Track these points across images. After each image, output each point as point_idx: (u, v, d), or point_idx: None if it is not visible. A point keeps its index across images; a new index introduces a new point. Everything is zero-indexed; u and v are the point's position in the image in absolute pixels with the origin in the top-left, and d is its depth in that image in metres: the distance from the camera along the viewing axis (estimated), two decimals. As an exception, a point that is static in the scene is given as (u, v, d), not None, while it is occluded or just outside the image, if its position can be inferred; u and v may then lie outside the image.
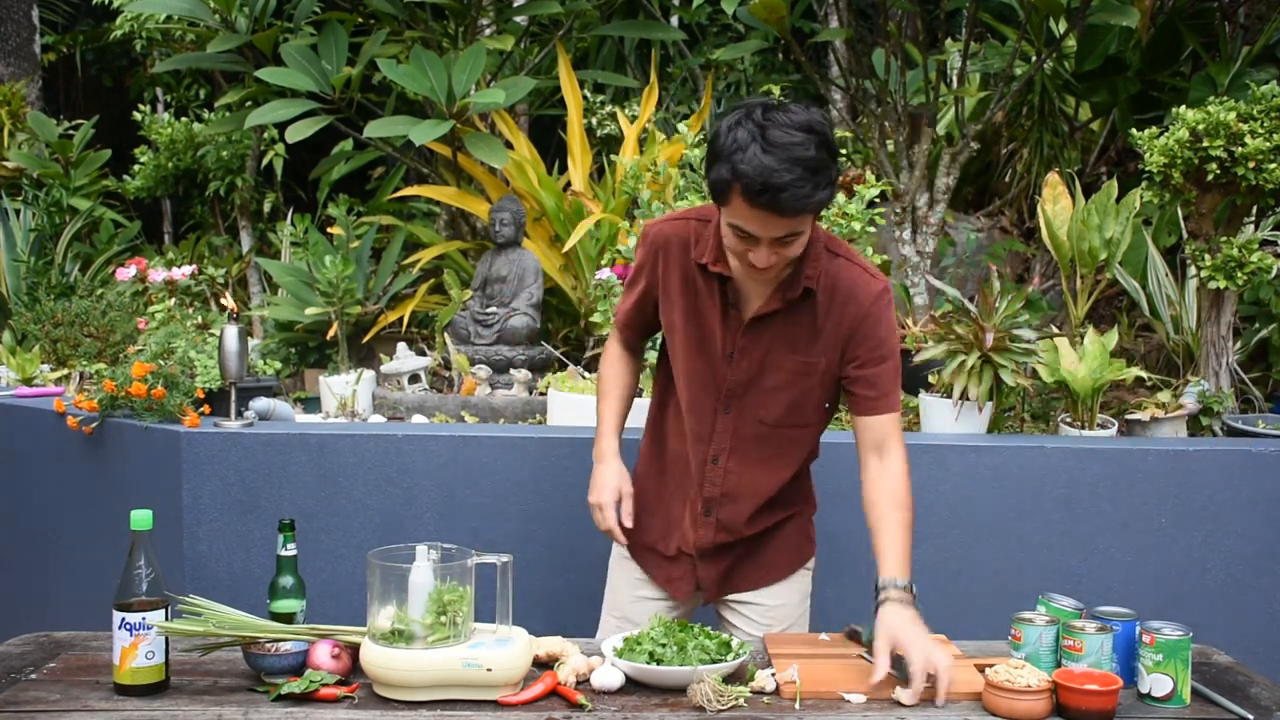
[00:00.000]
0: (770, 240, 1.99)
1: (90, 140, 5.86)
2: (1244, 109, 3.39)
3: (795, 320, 2.16)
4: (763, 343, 2.17)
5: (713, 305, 2.18)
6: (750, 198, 1.93)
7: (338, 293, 4.18)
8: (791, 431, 2.25)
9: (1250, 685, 2.06)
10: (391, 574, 1.93)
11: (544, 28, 5.62)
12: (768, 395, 2.20)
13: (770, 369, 2.18)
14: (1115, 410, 3.70)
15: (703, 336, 2.20)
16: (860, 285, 2.15)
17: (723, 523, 2.30)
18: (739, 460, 2.25)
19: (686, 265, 2.20)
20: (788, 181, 1.90)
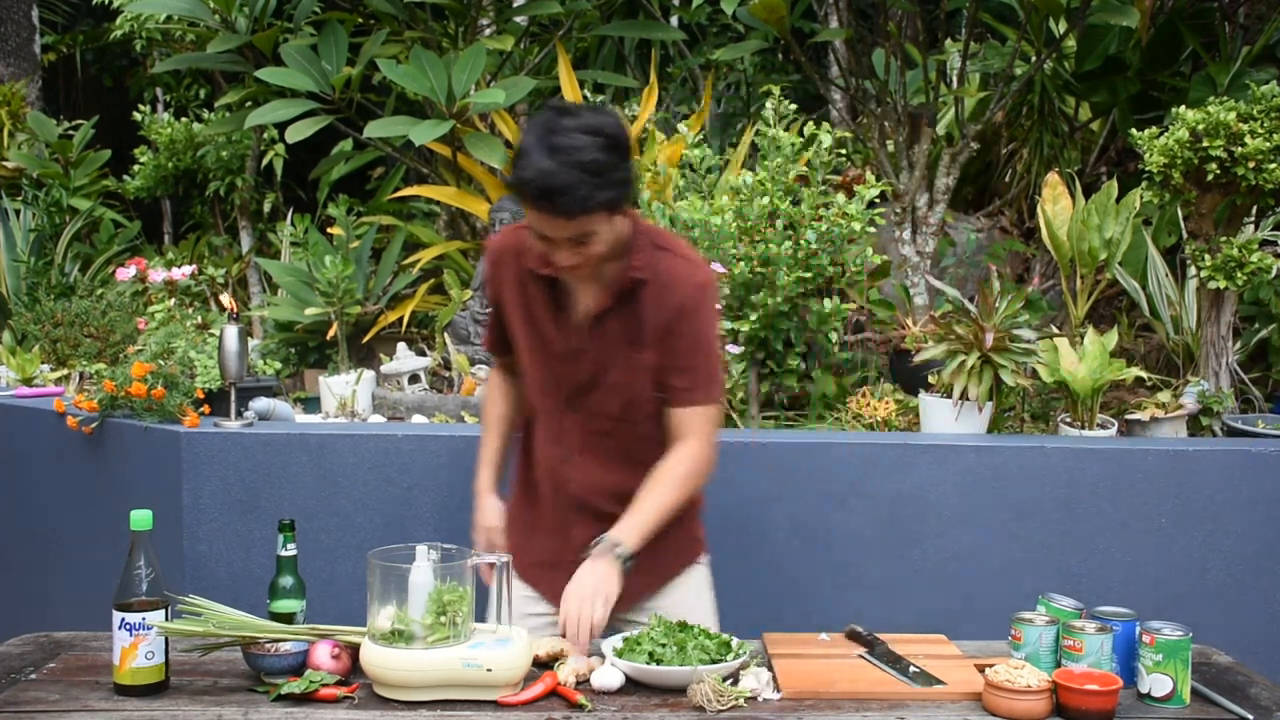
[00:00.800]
0: (565, 241, 2.05)
1: (90, 140, 5.86)
2: (1244, 109, 3.39)
3: (627, 315, 2.19)
4: (600, 340, 2.21)
5: (546, 308, 2.23)
6: (532, 202, 2.01)
7: (338, 293, 4.18)
8: (636, 427, 2.25)
9: (1250, 685, 2.06)
10: (391, 574, 1.93)
11: (544, 28, 5.62)
12: (609, 392, 2.23)
13: (610, 366, 2.21)
14: (1115, 410, 3.70)
15: (541, 340, 2.25)
16: (682, 275, 2.20)
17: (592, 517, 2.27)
18: (591, 457, 2.27)
19: (520, 272, 2.25)
20: (564, 185, 1.96)
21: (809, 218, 3.70)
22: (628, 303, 2.19)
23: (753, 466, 3.15)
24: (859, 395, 3.65)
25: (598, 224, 2.05)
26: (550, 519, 2.35)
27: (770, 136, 3.80)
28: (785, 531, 3.15)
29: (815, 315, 3.72)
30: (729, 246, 3.59)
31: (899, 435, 3.33)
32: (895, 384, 3.90)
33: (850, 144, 5.21)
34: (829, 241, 3.68)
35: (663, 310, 2.18)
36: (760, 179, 3.73)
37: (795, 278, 3.57)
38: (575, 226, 2.02)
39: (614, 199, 2.04)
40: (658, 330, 2.19)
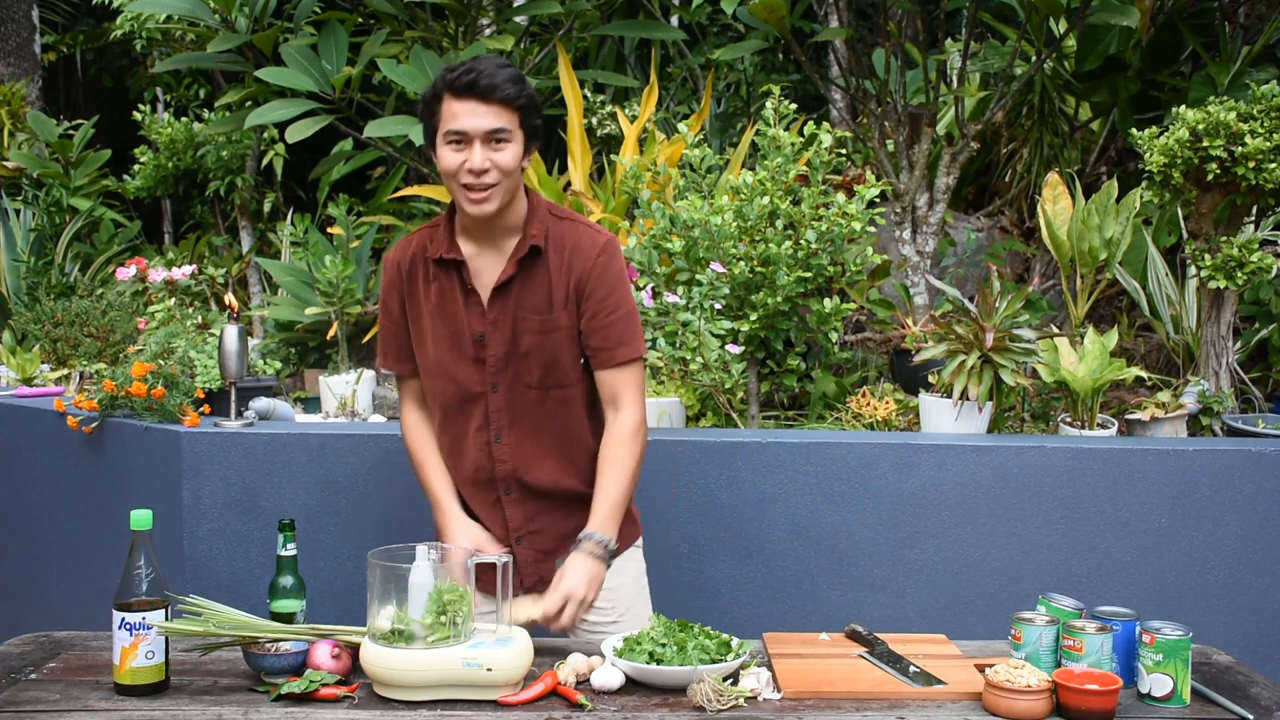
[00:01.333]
0: (482, 137, 2.17)
1: (90, 140, 5.86)
2: (1244, 109, 3.39)
3: (531, 283, 2.27)
4: (508, 311, 2.27)
5: (456, 294, 2.30)
6: (454, 87, 2.17)
7: (338, 292, 4.18)
8: (556, 392, 2.31)
9: (1250, 685, 2.06)
10: (391, 574, 1.93)
11: (544, 28, 5.62)
12: (525, 360, 2.29)
13: (520, 334, 2.28)
14: (1115, 410, 3.70)
15: (455, 328, 2.30)
16: (585, 240, 2.30)
17: (527, 493, 2.33)
18: (519, 431, 2.31)
19: (426, 271, 2.33)
20: (485, 68, 2.16)
21: (809, 218, 3.70)
22: (530, 270, 2.28)
23: (753, 466, 3.15)
24: (859, 395, 3.65)
25: (512, 124, 2.19)
26: (483, 510, 2.36)
27: (770, 136, 3.80)
28: (785, 531, 3.15)
29: (815, 315, 3.72)
30: (729, 246, 3.59)
31: (899, 435, 3.33)
32: (895, 384, 3.90)
33: (850, 144, 5.21)
34: (829, 241, 3.68)
35: (571, 274, 2.27)
36: (760, 179, 3.73)
37: (795, 278, 3.57)
38: (494, 116, 2.16)
39: (527, 102, 2.20)
40: (566, 293, 2.27)
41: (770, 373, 3.84)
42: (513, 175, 2.22)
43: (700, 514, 3.14)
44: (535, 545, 2.36)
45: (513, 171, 2.21)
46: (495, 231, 2.28)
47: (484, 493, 2.36)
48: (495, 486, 2.34)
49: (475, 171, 2.17)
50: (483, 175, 2.18)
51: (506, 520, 2.35)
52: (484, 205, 2.21)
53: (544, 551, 2.36)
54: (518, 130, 2.20)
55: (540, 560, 2.36)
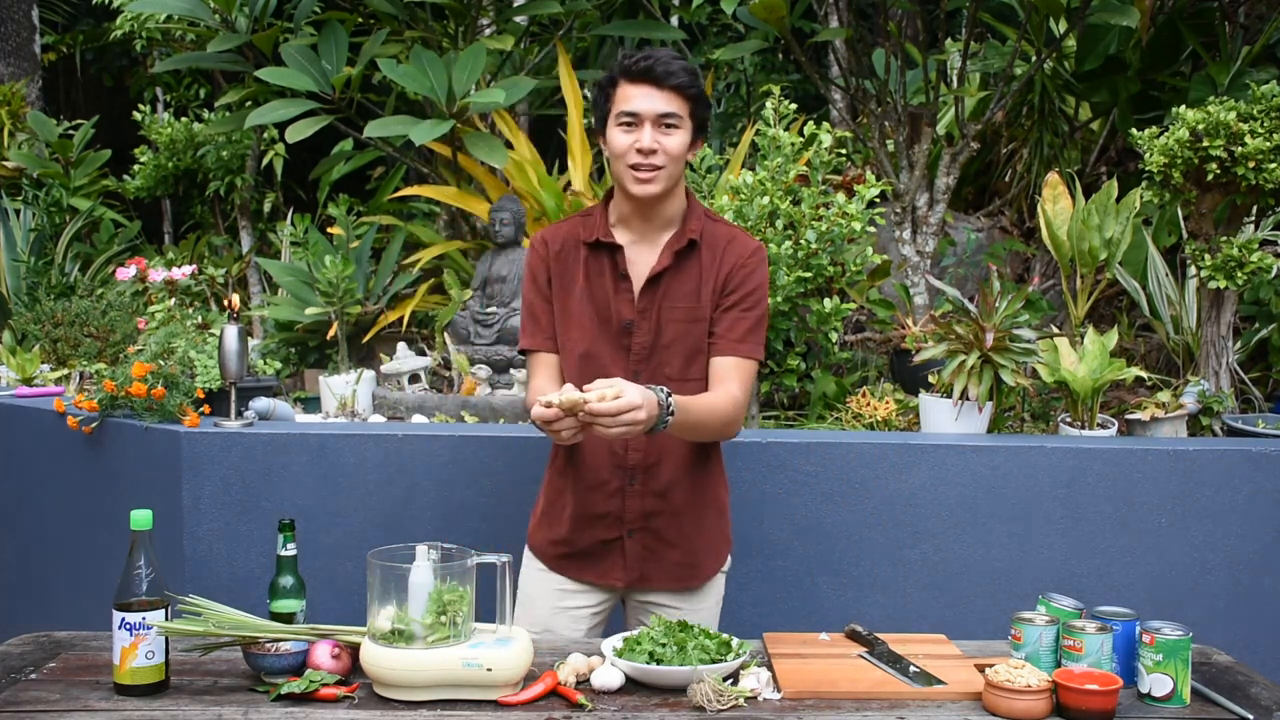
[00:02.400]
0: (654, 120, 2.22)
1: (90, 140, 5.86)
2: (1244, 109, 3.39)
3: (683, 275, 2.32)
4: (656, 301, 2.31)
5: (607, 280, 2.33)
6: (630, 72, 2.23)
7: (338, 293, 4.18)
8: (693, 385, 2.32)
9: (1250, 685, 2.06)
10: (391, 574, 1.93)
11: (544, 28, 5.62)
12: (668, 350, 2.32)
13: (666, 324, 2.31)
14: (1115, 410, 3.70)
15: (604, 313, 2.33)
16: (739, 240, 2.36)
17: (649, 488, 2.35)
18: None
19: (578, 255, 2.35)
20: (665, 57, 2.23)
21: (809, 217, 3.70)
22: (684, 264, 2.32)
23: (753, 466, 3.15)
24: (859, 395, 3.65)
25: (684, 111, 2.24)
26: (603, 499, 2.37)
27: (770, 136, 3.80)
28: (785, 531, 3.15)
29: (815, 315, 3.72)
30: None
31: (899, 435, 3.33)
32: (895, 384, 3.90)
33: (850, 144, 5.21)
34: (829, 241, 3.68)
35: (720, 269, 2.32)
36: (760, 179, 3.73)
37: (795, 278, 3.58)
38: (666, 101, 2.21)
39: (699, 93, 2.26)
40: (715, 286, 2.32)
41: (770, 373, 3.84)
42: (678, 162, 2.26)
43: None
44: (645, 541, 2.38)
45: (679, 158, 2.26)
46: (652, 222, 2.32)
47: (609, 482, 2.36)
48: (623, 475, 2.35)
49: (644, 151, 2.22)
50: (651, 156, 2.22)
51: (625, 511, 2.36)
52: (649, 186, 2.24)
53: (655, 547, 2.38)
54: (687, 119, 2.25)
55: (646, 557, 2.38)
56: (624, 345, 2.32)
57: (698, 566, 2.43)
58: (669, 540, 2.39)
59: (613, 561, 2.39)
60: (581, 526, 2.39)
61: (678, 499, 2.38)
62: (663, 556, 2.39)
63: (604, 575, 2.40)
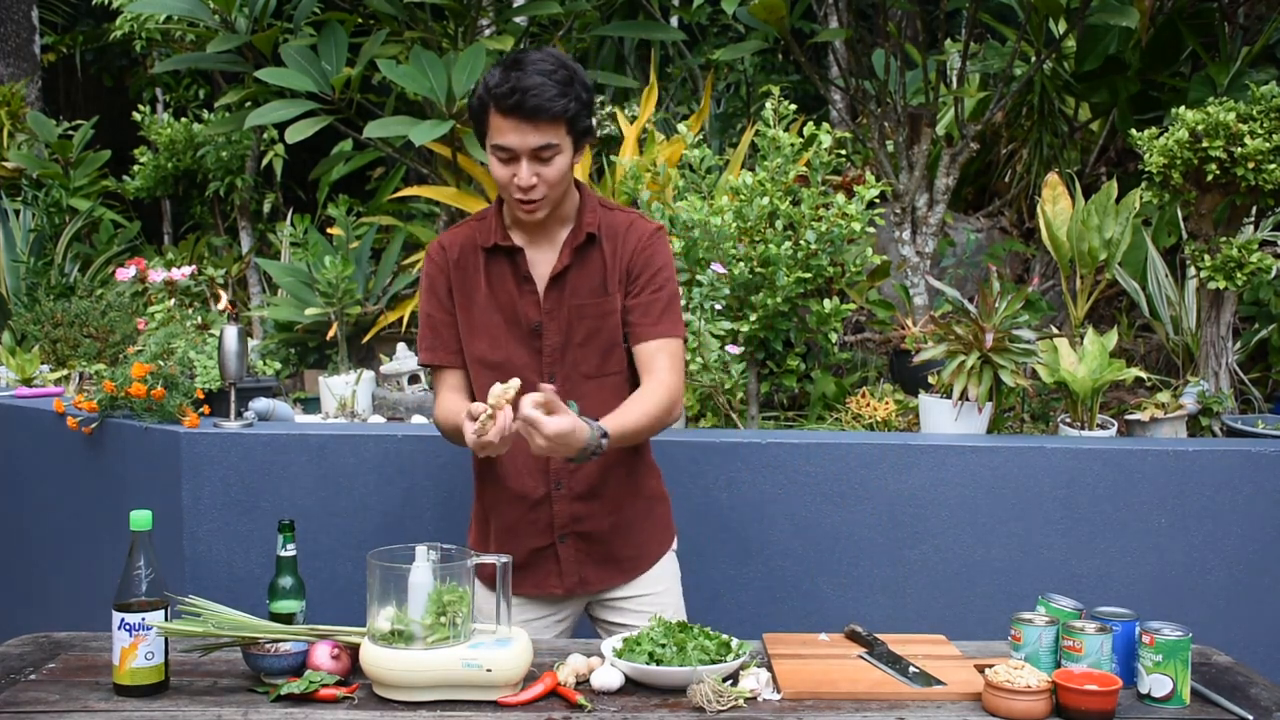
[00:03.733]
0: (529, 153, 2.16)
1: (90, 140, 5.86)
2: (1244, 109, 3.39)
3: (586, 270, 2.30)
4: (564, 300, 2.29)
5: (510, 283, 2.30)
6: (499, 105, 2.13)
7: (337, 293, 4.18)
8: (611, 379, 2.32)
9: (1250, 685, 2.06)
10: (391, 574, 1.93)
11: (544, 28, 5.62)
12: (581, 349, 2.30)
13: (576, 322, 2.29)
14: (1115, 410, 3.70)
15: (510, 317, 2.30)
16: (637, 224, 2.33)
17: (575, 492, 2.32)
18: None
19: (477, 260, 2.32)
20: (532, 85, 2.11)
21: (809, 218, 3.70)
22: (585, 258, 2.30)
23: (753, 466, 3.15)
24: (859, 395, 3.65)
25: (559, 137, 2.16)
26: (530, 507, 2.34)
27: (770, 137, 3.80)
28: (785, 531, 3.15)
29: (815, 315, 3.72)
30: (729, 247, 3.59)
31: (899, 436, 3.33)
32: (895, 384, 3.90)
33: (850, 144, 5.21)
34: (829, 242, 3.68)
35: (620, 257, 2.30)
36: (760, 179, 3.73)
37: (795, 278, 3.57)
38: (540, 133, 2.13)
39: (575, 110, 2.16)
40: (620, 275, 2.30)
41: (770, 373, 3.84)
42: (562, 183, 2.23)
43: (700, 514, 3.13)
44: (579, 545, 2.36)
45: (562, 179, 2.22)
46: (547, 223, 2.30)
47: (533, 489, 2.33)
48: (547, 481, 2.33)
49: (523, 188, 2.19)
50: (530, 191, 2.19)
51: (553, 517, 2.34)
52: (534, 215, 2.23)
53: (589, 548, 2.36)
54: (565, 139, 2.19)
55: (582, 560, 2.36)
56: (535, 348, 2.30)
57: (637, 559, 2.41)
58: (601, 540, 2.36)
59: (547, 569, 2.36)
60: (511, 538, 2.35)
61: (606, 498, 2.35)
62: (598, 557, 2.36)
63: (541, 585, 2.36)
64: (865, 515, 3.14)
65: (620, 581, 2.40)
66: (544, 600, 2.39)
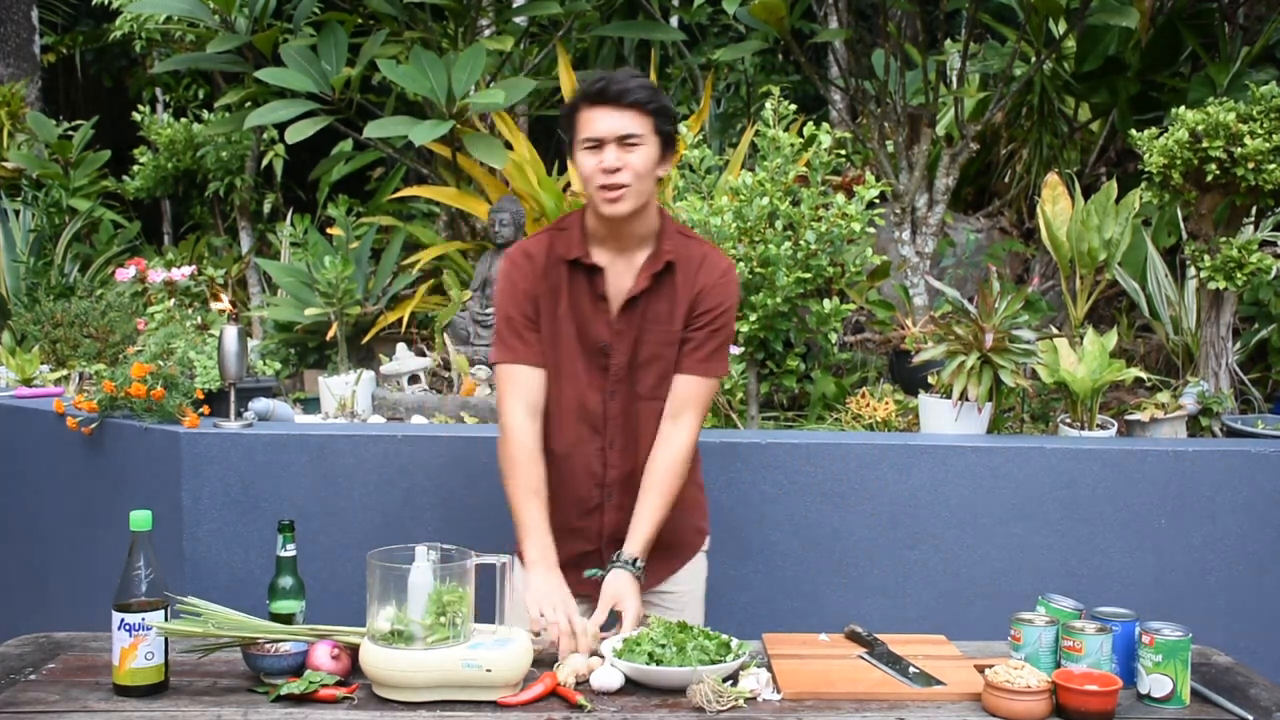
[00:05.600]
0: (615, 140, 2.22)
1: (90, 141, 5.86)
2: (1243, 109, 3.39)
3: (660, 296, 2.34)
4: (634, 323, 2.34)
5: (586, 300, 2.35)
6: (588, 98, 2.25)
7: (337, 293, 4.18)
8: (662, 404, 2.37)
9: (1250, 685, 2.06)
10: (391, 574, 1.93)
11: (544, 28, 5.62)
12: (641, 370, 2.36)
13: (642, 345, 2.35)
14: (1115, 411, 3.70)
15: (582, 333, 2.35)
16: (712, 258, 2.38)
17: (624, 503, 2.38)
18: (627, 438, 2.38)
19: (560, 272, 2.36)
20: (618, 78, 2.25)
21: (809, 218, 3.70)
22: (660, 285, 2.34)
23: (753, 466, 3.15)
24: (859, 396, 3.65)
25: (644, 129, 2.24)
26: (581, 515, 2.41)
27: (770, 137, 3.80)
28: (785, 531, 3.15)
29: (815, 316, 3.72)
30: (729, 247, 3.59)
31: (899, 436, 3.33)
32: (895, 384, 3.90)
33: (850, 144, 5.21)
34: (828, 242, 3.68)
35: (694, 285, 2.34)
36: (760, 179, 3.73)
37: (795, 278, 3.57)
38: (626, 121, 2.22)
39: (659, 108, 2.26)
40: (686, 305, 2.34)
41: (770, 373, 3.84)
42: (646, 179, 2.26)
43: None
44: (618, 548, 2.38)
45: (645, 175, 2.26)
46: (626, 241, 2.33)
47: (588, 498, 2.40)
48: (601, 491, 2.39)
49: (608, 170, 2.22)
50: (616, 174, 2.22)
51: (602, 526, 2.40)
52: (618, 205, 2.25)
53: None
54: (651, 135, 2.25)
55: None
56: (601, 366, 2.35)
57: (669, 562, 2.47)
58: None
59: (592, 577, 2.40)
60: (559, 540, 2.36)
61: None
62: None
63: (582, 584, 2.38)
64: (865, 515, 3.14)
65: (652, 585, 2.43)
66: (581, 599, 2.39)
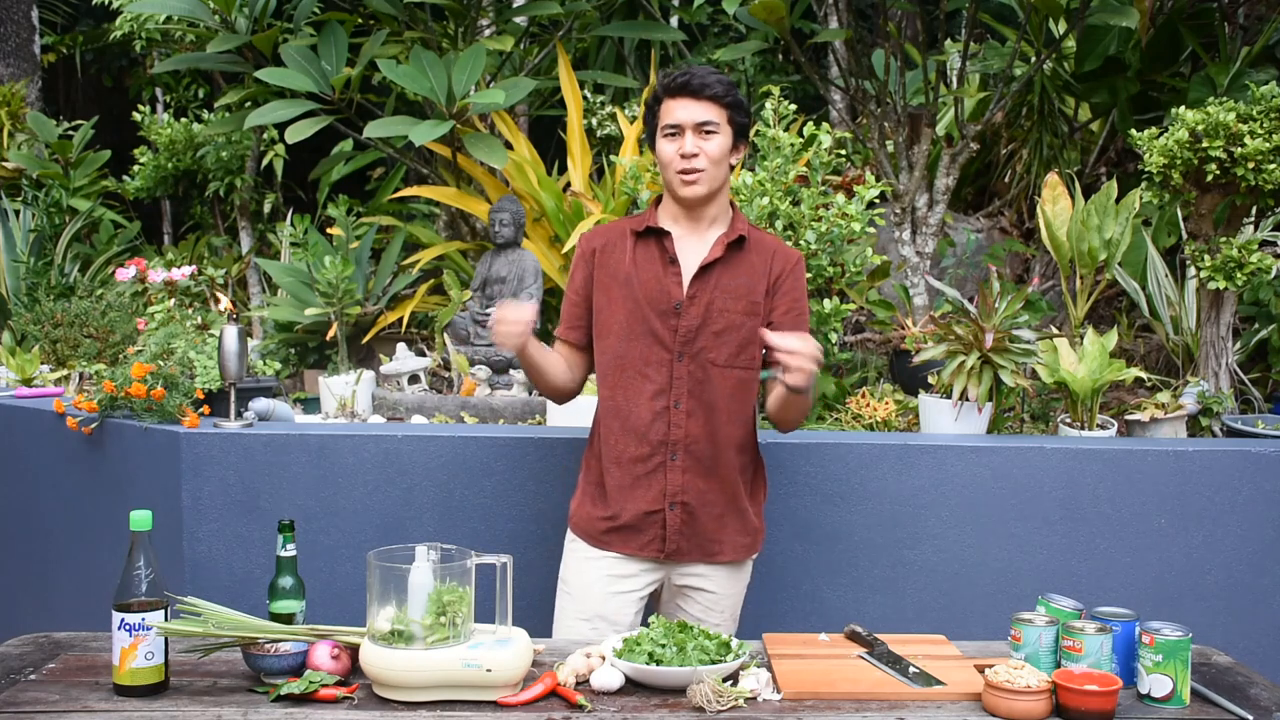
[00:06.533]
0: (693, 127, 2.41)
1: (90, 141, 5.86)
2: (1243, 109, 3.39)
3: (734, 270, 2.49)
4: (707, 290, 2.47)
5: (657, 264, 2.49)
6: (669, 89, 2.44)
7: (337, 293, 4.18)
8: (740, 373, 2.51)
9: (1250, 685, 2.06)
10: (391, 574, 1.93)
11: (544, 28, 5.62)
12: (716, 338, 2.47)
13: (716, 313, 2.47)
14: (1115, 411, 3.70)
15: (653, 294, 2.48)
16: (783, 249, 2.56)
17: (692, 461, 2.49)
18: (696, 402, 2.48)
19: (624, 245, 2.53)
20: (698, 71, 2.44)
21: (809, 218, 3.70)
22: (734, 259, 2.49)
23: (752, 467, 3.14)
24: (859, 395, 3.65)
25: (720, 118, 2.42)
26: (644, 473, 2.49)
27: (770, 137, 3.80)
28: (785, 531, 3.15)
29: (815, 316, 3.72)
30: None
31: (899, 436, 3.33)
32: (895, 384, 3.90)
33: (850, 144, 5.22)
34: (829, 242, 3.68)
35: (771, 272, 2.51)
36: (760, 179, 3.73)
37: (795, 278, 3.57)
38: (703, 109, 2.41)
39: (735, 101, 2.44)
40: (768, 286, 2.50)
41: (770, 373, 3.83)
42: (719, 165, 2.44)
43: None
44: (685, 513, 2.49)
45: (719, 160, 2.43)
46: (700, 220, 2.51)
47: (650, 455, 2.49)
48: (664, 450, 2.48)
49: (687, 155, 2.41)
50: (693, 159, 2.41)
51: (666, 484, 2.48)
52: (694, 187, 2.43)
53: (690, 520, 2.50)
54: (725, 125, 2.43)
55: (685, 529, 2.50)
56: (671, 326, 2.46)
57: (725, 544, 2.54)
58: (705, 515, 2.50)
59: (654, 534, 2.50)
60: (624, 499, 2.50)
61: (717, 476, 2.51)
62: (698, 531, 2.51)
63: (645, 547, 2.51)
64: (865, 515, 3.14)
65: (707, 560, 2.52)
66: (643, 560, 2.53)
